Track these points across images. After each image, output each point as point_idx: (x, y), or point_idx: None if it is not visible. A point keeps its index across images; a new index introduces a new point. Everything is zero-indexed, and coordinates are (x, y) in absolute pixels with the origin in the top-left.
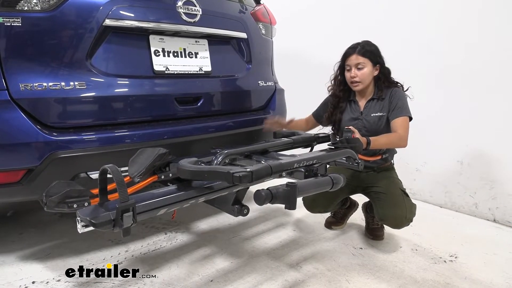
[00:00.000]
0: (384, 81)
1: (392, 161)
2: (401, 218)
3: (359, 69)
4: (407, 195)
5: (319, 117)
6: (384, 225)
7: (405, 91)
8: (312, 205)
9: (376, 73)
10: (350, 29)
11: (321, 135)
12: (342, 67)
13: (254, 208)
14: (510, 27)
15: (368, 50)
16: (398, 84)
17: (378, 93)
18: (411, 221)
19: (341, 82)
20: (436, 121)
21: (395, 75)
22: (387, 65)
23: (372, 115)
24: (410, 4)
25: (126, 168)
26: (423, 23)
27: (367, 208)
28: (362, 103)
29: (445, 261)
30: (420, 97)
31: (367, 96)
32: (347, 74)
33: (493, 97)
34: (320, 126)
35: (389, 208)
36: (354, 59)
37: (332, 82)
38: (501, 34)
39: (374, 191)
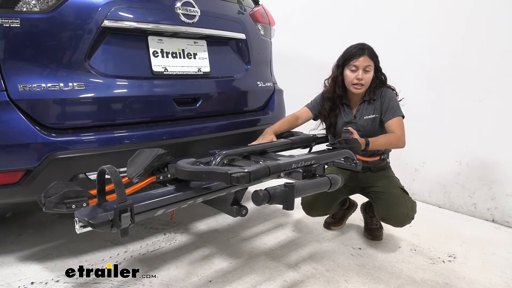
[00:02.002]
0: (376, 85)
1: (388, 160)
2: (404, 216)
3: (366, 71)
4: (407, 193)
5: (317, 113)
6: (383, 225)
7: (399, 101)
8: (311, 209)
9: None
10: (348, 30)
11: (319, 135)
12: (343, 66)
13: (253, 208)
14: (509, 28)
15: (375, 54)
16: (391, 87)
17: (369, 95)
18: (413, 218)
19: (342, 82)
20: (435, 122)
21: (395, 76)
22: (386, 66)
23: (365, 117)
24: (409, 6)
25: (124, 169)
26: (424, 27)
27: (366, 208)
28: (354, 106)
29: (443, 261)
30: (420, 97)
31: (359, 100)
32: (351, 75)
33: (492, 98)
34: (315, 127)
35: (391, 207)
36: (364, 61)
37: (330, 82)
38: (500, 35)
39: (373, 191)
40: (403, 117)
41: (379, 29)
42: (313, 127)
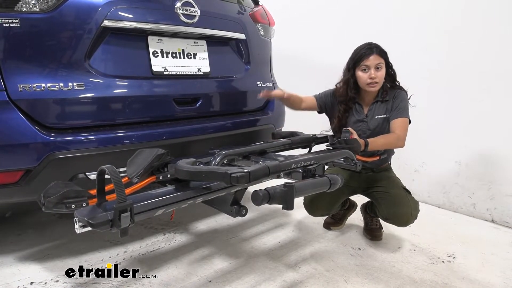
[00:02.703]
0: (388, 82)
1: (389, 161)
2: (408, 216)
3: (377, 69)
4: (409, 192)
5: (321, 104)
6: (383, 225)
7: (409, 98)
8: (314, 209)
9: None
10: (348, 31)
11: (319, 136)
12: (354, 68)
13: (253, 208)
14: (507, 28)
15: (383, 51)
16: (404, 90)
17: (382, 95)
18: (416, 217)
19: (354, 83)
20: (435, 122)
21: (396, 77)
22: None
23: (376, 117)
24: (410, 8)
25: (124, 169)
26: (423, 27)
27: (366, 208)
28: (366, 105)
29: (443, 261)
30: (419, 98)
31: (372, 99)
32: (364, 75)
33: (491, 98)
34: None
35: (395, 207)
36: (375, 59)
37: (342, 85)
38: (499, 36)
39: (376, 191)
40: (410, 121)
41: (379, 30)
42: (327, 129)
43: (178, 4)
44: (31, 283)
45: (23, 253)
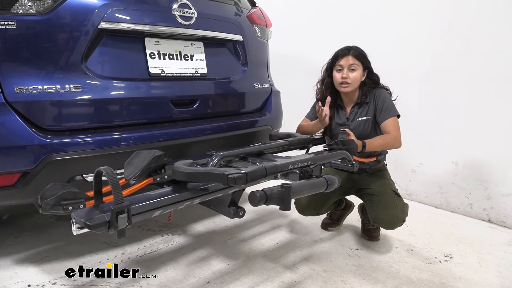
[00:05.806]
0: (369, 86)
1: (384, 161)
2: (394, 219)
3: (351, 70)
4: (399, 196)
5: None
6: (379, 227)
7: (394, 100)
8: (304, 208)
9: (363, 78)
10: (346, 32)
11: (316, 137)
12: (331, 68)
13: (250, 210)
14: (505, 31)
15: (362, 54)
16: (385, 87)
17: (362, 98)
18: (404, 221)
19: (329, 84)
20: (432, 123)
21: (392, 77)
22: (382, 67)
23: (358, 119)
24: (404, 9)
25: (122, 171)
26: (418, 27)
27: (363, 209)
28: (348, 108)
29: (440, 261)
30: (416, 99)
31: (352, 101)
32: (338, 75)
33: (488, 99)
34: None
35: (382, 209)
36: (348, 60)
37: (319, 84)
38: (497, 38)
39: (366, 193)
40: (399, 116)
41: (375, 31)
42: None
43: (175, 6)
44: (29, 285)
45: (21, 255)
